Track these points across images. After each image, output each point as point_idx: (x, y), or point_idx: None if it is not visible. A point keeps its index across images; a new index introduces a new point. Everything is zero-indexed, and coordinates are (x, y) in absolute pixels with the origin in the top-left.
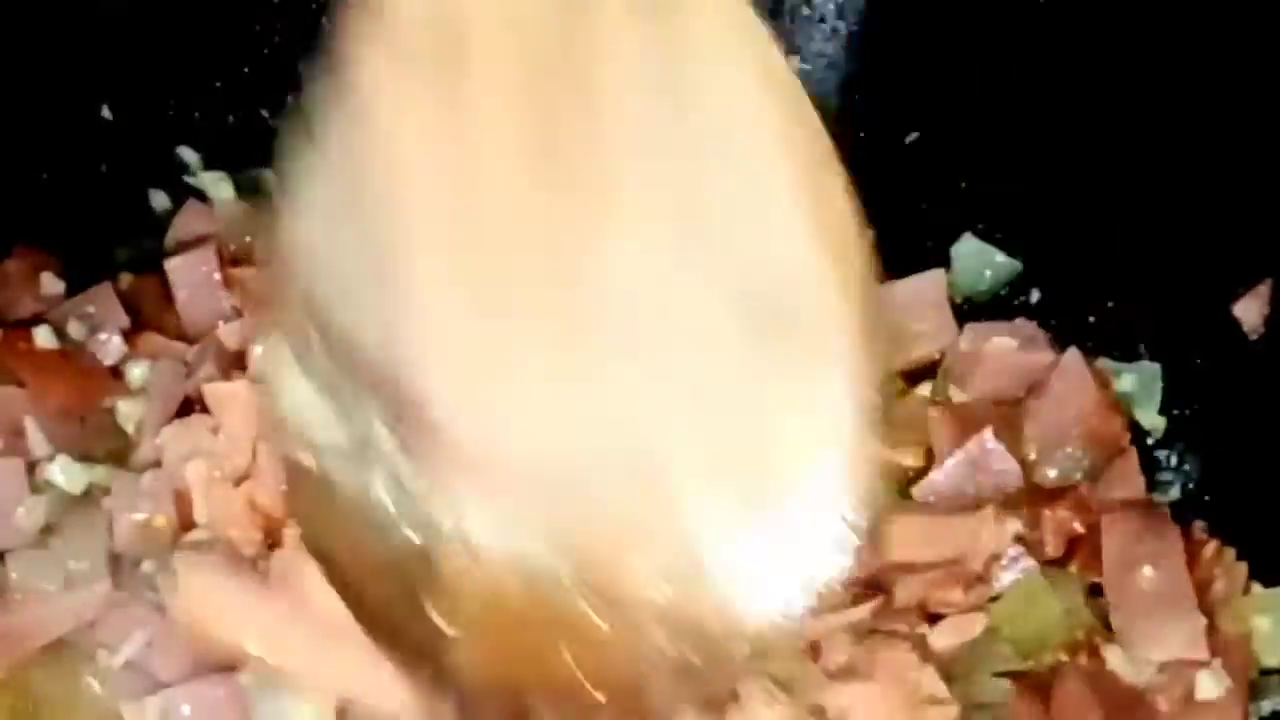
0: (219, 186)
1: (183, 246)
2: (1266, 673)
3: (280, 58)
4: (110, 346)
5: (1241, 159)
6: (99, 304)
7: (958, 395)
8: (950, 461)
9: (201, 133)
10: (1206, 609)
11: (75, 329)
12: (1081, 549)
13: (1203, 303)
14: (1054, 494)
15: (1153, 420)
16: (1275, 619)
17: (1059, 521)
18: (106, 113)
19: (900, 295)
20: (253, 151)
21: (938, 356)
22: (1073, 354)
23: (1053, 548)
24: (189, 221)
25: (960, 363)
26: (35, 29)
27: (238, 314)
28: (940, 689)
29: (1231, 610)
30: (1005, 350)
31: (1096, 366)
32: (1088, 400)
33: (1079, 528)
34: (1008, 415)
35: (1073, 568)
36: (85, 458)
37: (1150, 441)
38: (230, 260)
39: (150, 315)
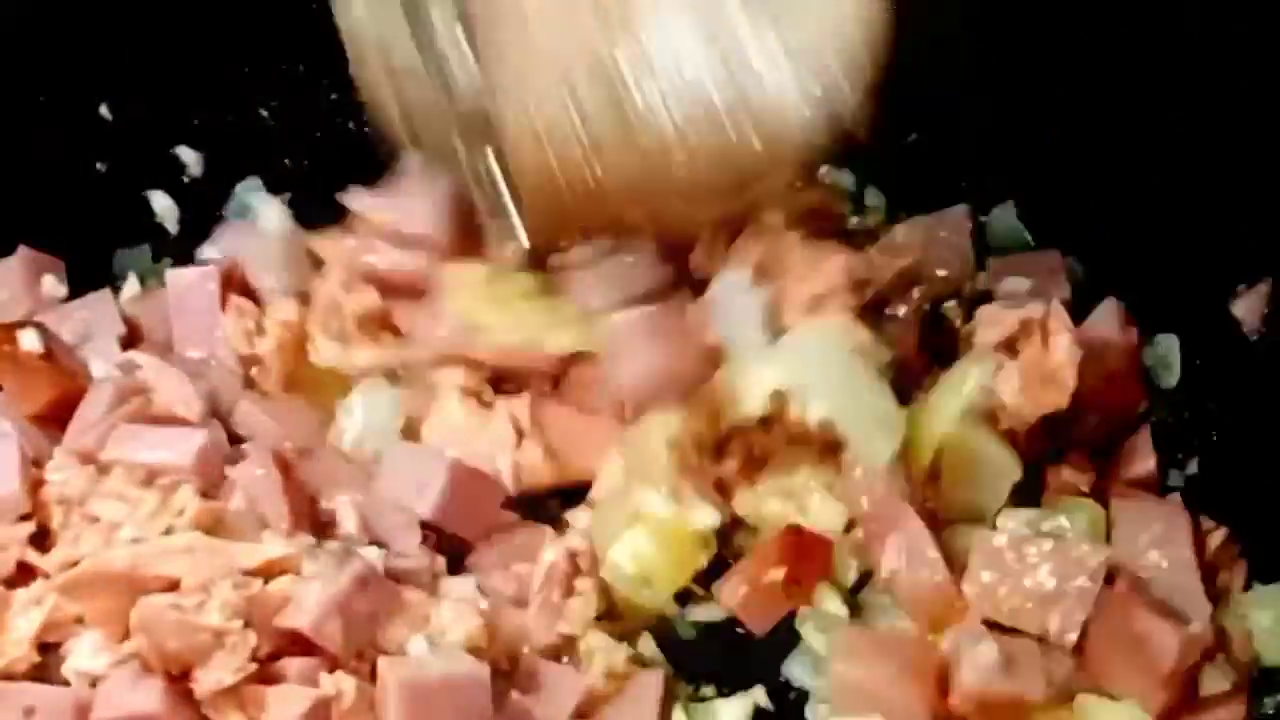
0: (272, 213)
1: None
2: (1267, 669)
3: (279, 57)
4: (101, 355)
5: (1241, 159)
6: (96, 311)
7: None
8: None
9: (201, 133)
10: (1212, 599)
11: (69, 334)
12: None
13: (1202, 303)
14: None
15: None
16: (1276, 615)
17: (1064, 483)
18: (105, 112)
19: (924, 230)
20: (253, 151)
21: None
22: (1109, 303)
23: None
24: (229, 238)
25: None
26: (35, 28)
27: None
28: None
29: (1233, 606)
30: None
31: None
32: (1118, 349)
33: (1085, 488)
34: None
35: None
36: None
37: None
38: (239, 287)
39: (148, 327)
